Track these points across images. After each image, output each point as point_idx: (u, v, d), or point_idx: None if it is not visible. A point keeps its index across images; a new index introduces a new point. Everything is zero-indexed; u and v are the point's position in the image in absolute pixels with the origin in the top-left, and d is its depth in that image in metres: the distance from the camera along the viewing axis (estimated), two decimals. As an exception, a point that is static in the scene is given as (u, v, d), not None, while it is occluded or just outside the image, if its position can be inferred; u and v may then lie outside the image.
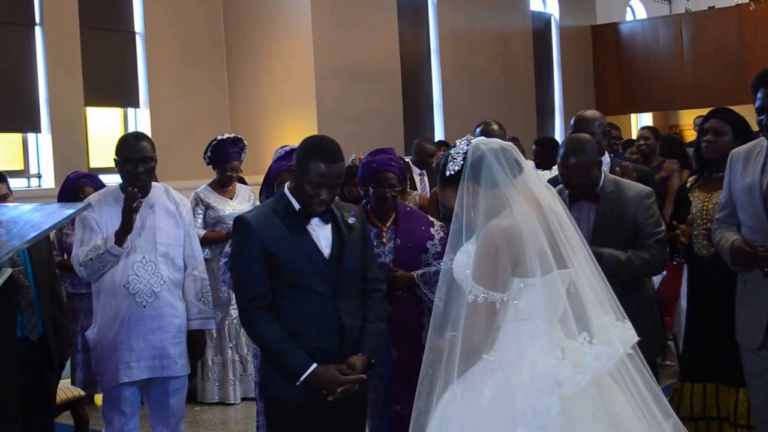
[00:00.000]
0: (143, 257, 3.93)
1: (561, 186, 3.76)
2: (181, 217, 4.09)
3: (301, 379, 3.05)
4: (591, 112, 4.81)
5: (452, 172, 2.67)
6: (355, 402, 3.23)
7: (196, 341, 4.13)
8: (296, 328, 3.09)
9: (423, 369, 2.70)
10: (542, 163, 6.30)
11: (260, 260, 3.08)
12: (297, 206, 3.14)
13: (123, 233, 3.81)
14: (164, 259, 3.99)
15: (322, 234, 3.17)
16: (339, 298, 3.14)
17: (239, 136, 6.11)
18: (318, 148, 3.12)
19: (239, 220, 3.17)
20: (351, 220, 3.24)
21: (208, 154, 5.97)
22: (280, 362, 3.09)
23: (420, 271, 4.01)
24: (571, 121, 4.76)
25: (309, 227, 3.15)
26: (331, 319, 3.12)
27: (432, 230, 4.14)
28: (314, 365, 3.05)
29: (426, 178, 7.91)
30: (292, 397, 3.11)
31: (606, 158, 4.64)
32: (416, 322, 4.05)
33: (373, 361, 3.23)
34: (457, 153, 2.68)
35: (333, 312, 3.12)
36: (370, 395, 4.13)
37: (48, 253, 4.17)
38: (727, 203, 3.58)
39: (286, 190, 3.21)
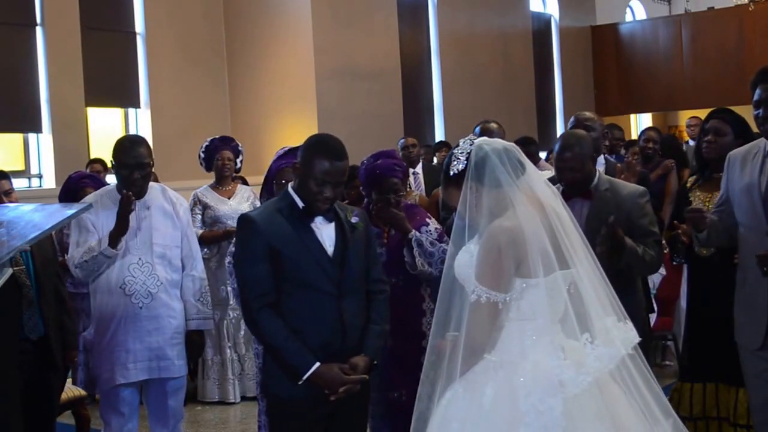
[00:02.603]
0: (139, 258, 3.92)
1: (557, 186, 3.77)
2: (178, 218, 4.08)
3: (304, 377, 3.03)
4: (590, 113, 4.87)
5: (456, 172, 2.68)
6: (357, 402, 3.21)
7: (194, 341, 4.12)
8: (300, 326, 3.07)
9: (424, 368, 2.71)
10: None
11: (265, 258, 3.07)
12: (301, 204, 3.14)
13: (117, 235, 3.80)
14: (161, 260, 3.98)
15: (325, 232, 3.16)
16: (342, 296, 3.12)
17: (230, 137, 6.18)
18: (323, 145, 3.15)
19: (244, 218, 3.17)
20: (354, 220, 3.24)
21: (202, 156, 6.00)
22: (283, 360, 3.08)
23: (417, 234, 3.98)
24: (571, 121, 4.79)
25: (313, 225, 3.15)
26: (335, 317, 3.10)
27: (428, 219, 4.14)
28: (317, 364, 3.03)
29: (421, 177, 7.91)
30: (294, 395, 3.09)
31: (600, 159, 4.66)
32: (413, 310, 4.03)
33: (375, 362, 3.21)
34: (461, 153, 2.69)
35: (336, 310, 3.10)
36: (371, 394, 4.14)
37: (52, 253, 4.16)
38: (724, 203, 3.58)
39: (289, 188, 3.21)
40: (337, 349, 3.10)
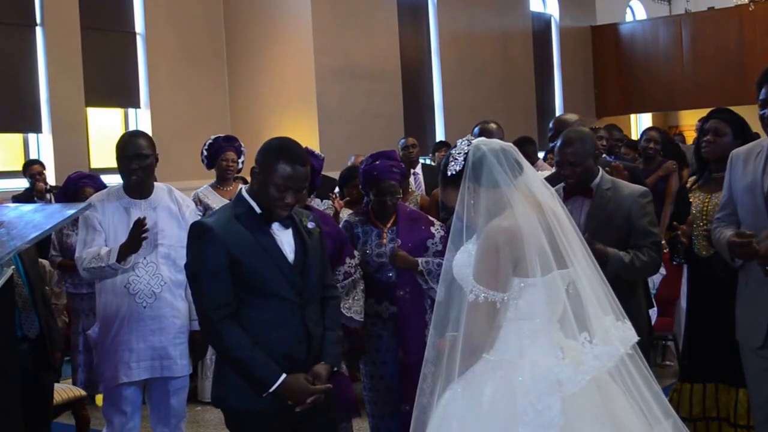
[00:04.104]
0: (144, 258, 3.93)
1: (558, 186, 3.77)
2: (183, 218, 4.09)
3: (271, 389, 2.92)
4: (569, 115, 4.90)
5: (453, 173, 2.68)
6: (323, 412, 3.09)
7: (197, 341, 4.12)
8: (262, 337, 2.95)
9: (424, 368, 2.71)
10: None
11: (224, 267, 2.92)
12: (258, 210, 3.01)
13: (127, 253, 3.80)
14: (165, 260, 3.99)
15: (285, 239, 3.04)
16: (305, 304, 3.03)
17: (234, 136, 6.16)
18: (285, 149, 2.99)
19: (199, 226, 3.02)
20: (310, 225, 3.13)
21: (205, 153, 5.99)
22: (248, 372, 2.94)
23: (423, 260, 4.01)
24: (550, 125, 4.81)
25: (271, 232, 3.02)
26: (299, 326, 3.00)
27: (432, 229, 4.15)
28: (284, 375, 2.93)
29: (421, 177, 7.90)
30: (255, 408, 2.97)
31: None
32: (421, 321, 4.05)
33: (336, 369, 3.14)
34: (459, 153, 2.69)
35: (300, 319, 3.01)
36: (371, 395, 4.15)
37: (36, 254, 4.18)
38: (727, 204, 3.57)
39: (244, 193, 3.07)
40: (301, 358, 3.00)
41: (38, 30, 8.87)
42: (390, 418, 4.12)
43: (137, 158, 3.92)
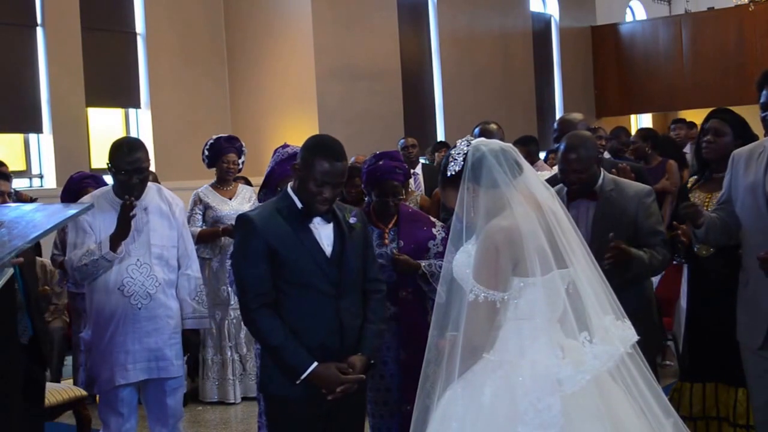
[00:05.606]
0: (137, 259, 3.93)
1: (559, 186, 3.77)
2: (174, 217, 4.09)
3: (302, 377, 3.06)
4: (573, 114, 4.89)
5: (453, 173, 2.69)
6: (354, 402, 3.24)
7: (190, 340, 4.15)
8: (298, 326, 3.10)
9: (424, 367, 2.72)
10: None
11: (263, 258, 3.09)
12: (300, 205, 3.17)
13: (118, 240, 3.81)
14: (158, 260, 3.99)
15: (324, 233, 3.19)
16: (340, 296, 3.15)
17: (235, 136, 6.16)
18: (322, 146, 3.17)
19: (242, 218, 3.19)
20: (352, 220, 3.27)
21: (206, 153, 5.99)
22: (281, 359, 3.10)
23: (426, 262, 4.01)
24: (554, 125, 4.81)
25: (311, 226, 3.17)
26: (332, 317, 3.13)
27: (434, 230, 4.15)
28: (315, 363, 3.06)
29: (420, 178, 7.91)
30: (292, 395, 3.12)
31: None
32: (422, 322, 4.05)
33: (372, 361, 3.24)
34: (458, 154, 2.70)
35: (334, 310, 3.13)
36: (371, 394, 4.15)
37: (33, 256, 4.16)
38: (725, 202, 3.59)
39: (289, 189, 3.23)
40: (335, 349, 3.12)
41: (38, 30, 8.87)
42: (390, 418, 4.12)
43: (137, 172, 3.91)
